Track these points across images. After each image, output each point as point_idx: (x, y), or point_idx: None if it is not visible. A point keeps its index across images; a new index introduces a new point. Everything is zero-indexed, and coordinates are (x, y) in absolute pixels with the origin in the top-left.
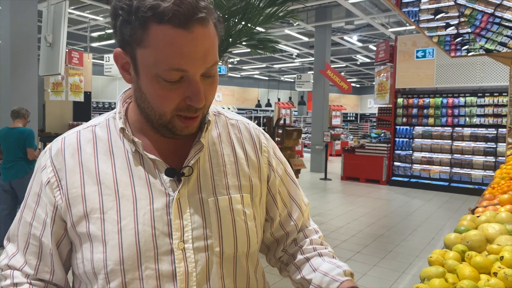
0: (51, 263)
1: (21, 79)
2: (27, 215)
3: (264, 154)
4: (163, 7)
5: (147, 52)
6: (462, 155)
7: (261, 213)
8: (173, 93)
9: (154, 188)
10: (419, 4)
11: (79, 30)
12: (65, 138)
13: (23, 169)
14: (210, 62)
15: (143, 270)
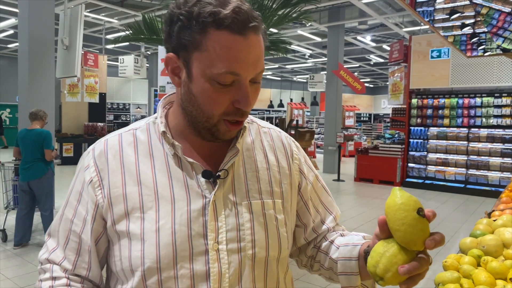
0: (89, 260)
1: (39, 81)
2: (69, 212)
3: (295, 162)
4: (223, 13)
5: (203, 55)
6: (478, 157)
7: (292, 220)
8: (224, 96)
9: (191, 190)
10: (434, 3)
11: (95, 32)
12: (107, 140)
13: (41, 170)
14: (259, 68)
15: (178, 269)
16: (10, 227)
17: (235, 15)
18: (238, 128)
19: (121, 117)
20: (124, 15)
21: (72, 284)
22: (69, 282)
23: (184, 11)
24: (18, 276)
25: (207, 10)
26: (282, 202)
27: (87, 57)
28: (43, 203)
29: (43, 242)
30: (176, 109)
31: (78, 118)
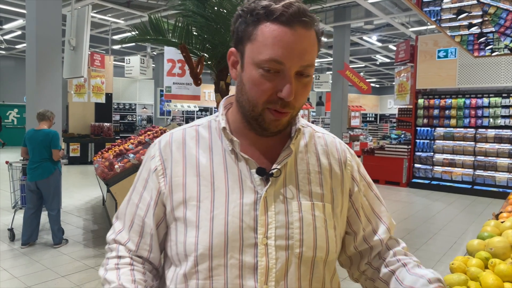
0: (150, 242)
1: (46, 82)
2: (135, 197)
3: (348, 168)
4: (274, 7)
5: (254, 45)
6: (485, 157)
7: (341, 225)
8: (268, 84)
9: (245, 185)
10: (440, 3)
11: (101, 33)
12: (173, 133)
13: (49, 170)
14: (305, 61)
15: (228, 259)
16: (18, 227)
17: (285, 8)
18: (283, 117)
19: (127, 117)
20: (131, 15)
21: (135, 264)
22: (132, 261)
23: (244, 7)
24: (25, 275)
25: (260, 4)
26: (332, 206)
27: (93, 58)
28: (50, 202)
29: (50, 241)
30: (234, 106)
31: (84, 118)
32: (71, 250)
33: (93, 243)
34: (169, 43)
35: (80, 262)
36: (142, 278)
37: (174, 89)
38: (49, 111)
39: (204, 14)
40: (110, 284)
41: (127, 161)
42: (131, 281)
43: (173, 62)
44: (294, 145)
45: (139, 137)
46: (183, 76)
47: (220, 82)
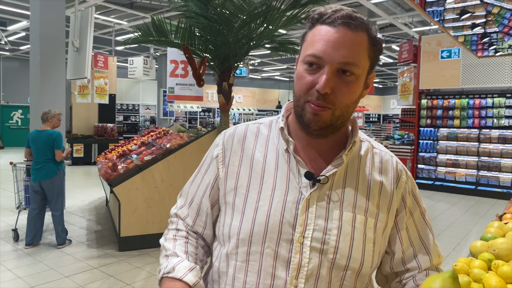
0: (205, 219)
1: (50, 83)
2: (198, 179)
3: (400, 189)
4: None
5: (304, 45)
6: (489, 158)
7: (382, 243)
8: (308, 77)
9: (291, 184)
10: (444, 3)
11: (104, 34)
12: (237, 127)
13: (52, 170)
14: (344, 58)
15: (265, 248)
16: (22, 227)
17: (334, 13)
18: (321, 111)
19: (131, 118)
20: (134, 17)
21: (190, 238)
22: (188, 235)
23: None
24: (29, 275)
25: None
26: (375, 222)
27: (97, 59)
28: (54, 203)
29: (54, 242)
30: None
31: (88, 119)
32: (75, 250)
33: (96, 244)
34: (172, 44)
35: (84, 263)
36: (194, 251)
37: (177, 90)
38: (48, 111)
39: (207, 15)
40: (166, 251)
41: (130, 161)
42: (184, 252)
43: (176, 63)
44: (347, 156)
45: (142, 138)
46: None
47: (222, 82)
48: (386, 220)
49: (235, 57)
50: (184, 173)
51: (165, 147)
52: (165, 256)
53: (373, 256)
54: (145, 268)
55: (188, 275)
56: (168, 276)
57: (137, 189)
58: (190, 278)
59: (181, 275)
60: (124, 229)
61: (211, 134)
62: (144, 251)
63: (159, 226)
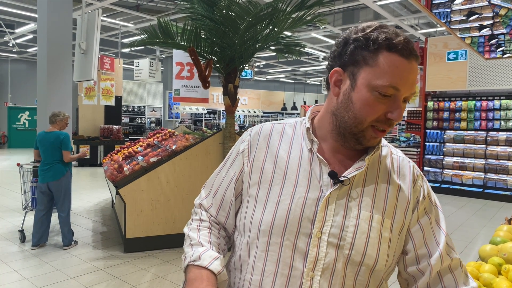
0: (229, 210)
1: (57, 85)
2: (223, 172)
3: (416, 193)
4: (397, 40)
5: (373, 69)
6: (497, 160)
7: (398, 244)
8: (380, 106)
9: (312, 182)
10: (450, 5)
11: (111, 37)
12: (263, 125)
13: (60, 171)
14: (413, 90)
15: (285, 240)
16: (28, 228)
17: (405, 43)
18: (382, 135)
19: (137, 120)
20: (140, 19)
21: (213, 228)
22: (211, 226)
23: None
24: (35, 276)
25: (383, 36)
26: (392, 222)
27: (103, 61)
28: (61, 204)
29: (60, 243)
30: (324, 115)
31: (94, 120)
32: (81, 251)
33: (102, 245)
34: (177, 46)
35: (89, 264)
36: (217, 241)
37: (183, 92)
38: (57, 113)
39: (213, 17)
40: (191, 240)
41: (136, 163)
42: (208, 242)
43: (181, 65)
44: (369, 160)
45: (148, 140)
46: (192, 79)
47: (228, 85)
48: (402, 222)
49: (240, 59)
50: (189, 175)
51: (170, 148)
52: (190, 245)
53: (388, 255)
54: (151, 269)
55: (214, 263)
56: (194, 264)
57: (143, 191)
58: (215, 267)
59: (207, 263)
60: (130, 230)
61: (216, 136)
62: (150, 252)
63: (165, 227)
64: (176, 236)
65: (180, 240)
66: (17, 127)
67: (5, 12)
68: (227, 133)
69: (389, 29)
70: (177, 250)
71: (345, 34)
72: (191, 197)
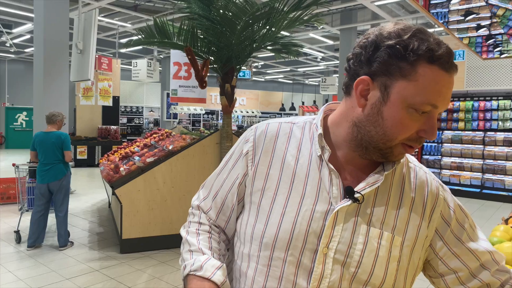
0: (229, 215)
1: (53, 85)
2: (224, 173)
3: (438, 208)
4: (440, 52)
5: (411, 84)
6: (495, 161)
7: (410, 262)
8: (414, 124)
9: (321, 193)
10: (448, 5)
11: (108, 37)
12: (269, 124)
13: (62, 171)
14: (448, 105)
15: (289, 255)
16: (24, 229)
17: (448, 55)
18: (411, 151)
19: (135, 120)
20: (138, 19)
21: (213, 232)
22: (211, 230)
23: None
24: (30, 277)
25: (424, 46)
26: (402, 240)
27: (101, 61)
28: (60, 204)
29: (56, 244)
30: (341, 122)
31: (92, 121)
32: (77, 252)
33: (98, 246)
34: (174, 46)
35: (85, 265)
36: (217, 246)
37: (180, 92)
38: (57, 114)
39: (210, 17)
40: (190, 246)
41: (132, 163)
42: (208, 248)
43: (179, 65)
44: (388, 175)
45: (144, 140)
46: (189, 79)
47: (225, 85)
48: (415, 239)
49: (237, 59)
50: (186, 175)
51: (167, 149)
52: (189, 251)
53: (397, 275)
54: (147, 270)
55: (216, 274)
56: (196, 274)
57: (139, 191)
58: (218, 278)
59: (210, 274)
60: (126, 231)
61: (213, 136)
62: (146, 253)
63: (161, 228)
64: (173, 237)
65: (177, 241)
66: (15, 127)
67: (3, 12)
68: (224, 133)
69: (428, 35)
70: (174, 250)
71: (374, 37)
72: (188, 197)
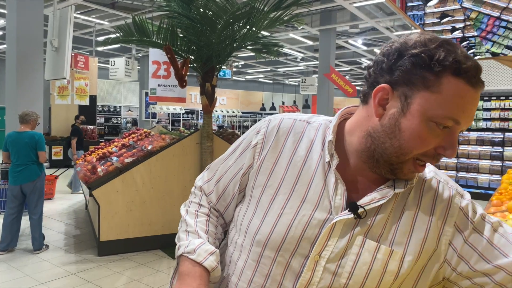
0: (229, 201)
1: (27, 83)
2: (231, 160)
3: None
4: (467, 65)
5: (434, 96)
6: (468, 159)
7: (414, 278)
8: (433, 139)
9: (322, 201)
10: (424, 7)
11: (85, 34)
12: (283, 119)
13: (35, 172)
14: (471, 123)
15: (278, 256)
16: None
17: (475, 69)
18: (422, 170)
19: (112, 120)
20: (115, 17)
21: (211, 216)
22: (210, 213)
23: (424, 51)
24: (4, 282)
25: (451, 57)
26: (403, 254)
27: (77, 59)
28: (34, 206)
29: (30, 248)
30: (355, 131)
31: (67, 120)
32: (52, 256)
33: (74, 249)
34: (153, 45)
35: (61, 269)
36: (214, 230)
37: (159, 91)
38: (31, 113)
39: (189, 15)
40: (188, 227)
41: (110, 164)
42: (205, 231)
43: (158, 64)
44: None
45: (123, 140)
46: (169, 78)
47: (206, 84)
48: (418, 254)
49: (218, 58)
50: (166, 176)
51: (146, 149)
52: (186, 231)
53: None
54: (125, 273)
55: (208, 259)
56: (188, 257)
57: (118, 192)
58: (209, 263)
59: (202, 259)
60: (104, 233)
61: (193, 136)
62: (125, 255)
63: (140, 229)
64: (153, 238)
65: (157, 242)
66: None
67: None
68: (204, 132)
69: (456, 47)
70: (154, 252)
71: (398, 44)
72: (167, 198)
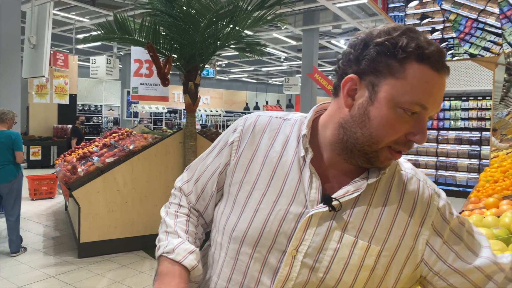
0: (208, 201)
1: (3, 81)
2: (209, 159)
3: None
4: (430, 50)
5: (399, 83)
6: (447, 158)
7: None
8: (402, 125)
9: (298, 195)
10: (405, 8)
11: (64, 32)
12: (260, 116)
13: (12, 173)
14: (439, 108)
15: (256, 252)
16: None
17: (438, 54)
18: (398, 157)
19: (93, 119)
20: (96, 14)
21: (191, 216)
22: (190, 213)
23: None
24: None
25: (414, 43)
26: (380, 250)
27: (56, 57)
28: (11, 207)
29: (7, 250)
30: (328, 123)
31: (46, 120)
32: (30, 258)
33: (54, 251)
34: (135, 43)
35: (40, 271)
36: (194, 230)
37: (141, 90)
38: (7, 112)
39: (172, 13)
40: (167, 227)
41: (91, 164)
42: (184, 231)
43: (140, 62)
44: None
45: (104, 139)
46: (151, 76)
47: (189, 83)
48: (395, 249)
49: (201, 56)
50: (148, 176)
51: (128, 148)
52: (166, 232)
53: (366, 283)
54: (107, 274)
55: (188, 258)
56: (168, 257)
57: (99, 193)
58: (189, 262)
59: (181, 258)
60: (84, 234)
61: (176, 135)
62: (106, 257)
63: (122, 230)
64: (135, 239)
65: (139, 243)
66: None
67: None
68: (187, 132)
69: (419, 34)
70: (136, 253)
71: (364, 35)
72: (149, 198)
